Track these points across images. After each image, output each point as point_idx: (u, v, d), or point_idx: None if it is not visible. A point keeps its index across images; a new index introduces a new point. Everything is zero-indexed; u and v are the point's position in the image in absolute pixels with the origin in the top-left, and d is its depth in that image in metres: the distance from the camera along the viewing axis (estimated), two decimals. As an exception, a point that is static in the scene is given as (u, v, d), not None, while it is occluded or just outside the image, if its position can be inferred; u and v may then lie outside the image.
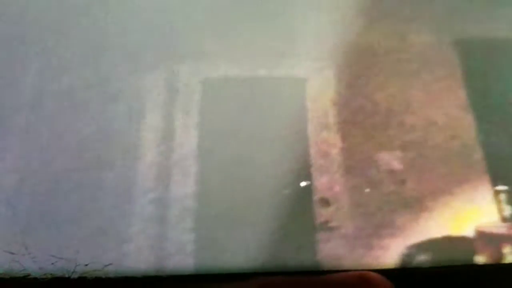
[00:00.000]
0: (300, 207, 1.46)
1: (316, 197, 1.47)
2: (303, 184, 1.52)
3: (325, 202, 1.50)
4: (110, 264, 1.20)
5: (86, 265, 1.19)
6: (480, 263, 1.40)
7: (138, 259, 1.33)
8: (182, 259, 1.37)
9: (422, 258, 1.42)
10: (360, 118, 1.60)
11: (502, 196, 1.50)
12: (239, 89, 1.64)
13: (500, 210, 1.49)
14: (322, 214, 1.46)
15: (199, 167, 1.51)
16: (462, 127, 1.60)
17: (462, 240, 1.45)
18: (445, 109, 1.62)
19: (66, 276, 1.19)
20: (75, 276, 1.18)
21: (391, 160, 1.56)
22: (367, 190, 1.49)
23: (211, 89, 1.66)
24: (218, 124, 1.59)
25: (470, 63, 1.70)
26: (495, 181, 1.51)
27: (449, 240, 1.45)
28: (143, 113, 1.57)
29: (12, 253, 1.24)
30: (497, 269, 1.39)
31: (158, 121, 1.59)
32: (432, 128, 1.59)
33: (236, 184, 1.46)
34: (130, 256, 1.33)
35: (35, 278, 1.19)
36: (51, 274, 1.19)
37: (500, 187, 1.51)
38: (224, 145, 1.53)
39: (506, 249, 1.45)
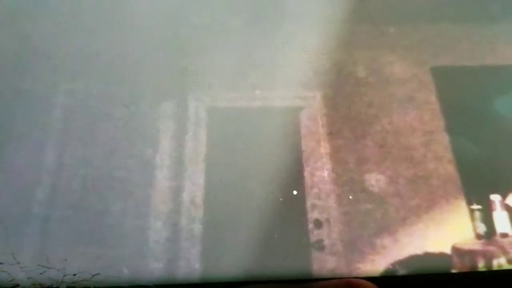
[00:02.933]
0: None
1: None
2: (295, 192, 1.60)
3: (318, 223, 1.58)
4: (98, 274, 1.22)
5: (75, 274, 1.21)
6: (457, 272, 1.47)
7: (126, 269, 1.36)
8: (173, 267, 1.41)
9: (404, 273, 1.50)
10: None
11: (477, 215, 1.59)
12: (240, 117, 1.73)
13: (475, 228, 1.58)
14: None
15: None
16: (440, 148, 1.68)
17: (441, 256, 1.52)
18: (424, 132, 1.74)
19: (55, 286, 1.20)
20: (64, 286, 1.20)
21: (376, 182, 1.66)
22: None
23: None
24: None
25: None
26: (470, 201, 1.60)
27: (428, 257, 1.53)
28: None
29: (1, 263, 1.25)
30: (473, 277, 1.47)
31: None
32: (413, 152, 1.68)
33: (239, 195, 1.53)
34: (118, 266, 1.37)
35: (24, 288, 1.20)
36: (40, 284, 1.20)
37: (475, 206, 1.59)
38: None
39: (481, 265, 1.54)
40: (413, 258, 1.50)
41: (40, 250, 1.35)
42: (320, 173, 1.63)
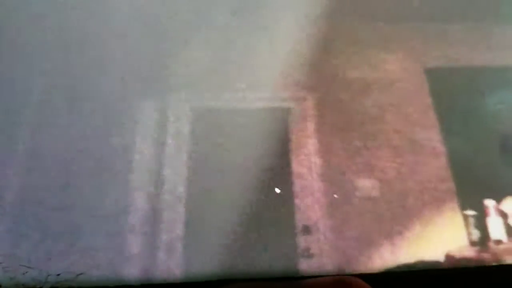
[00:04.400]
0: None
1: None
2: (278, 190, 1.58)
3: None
4: (82, 273, 1.20)
5: (58, 275, 1.19)
6: (451, 267, 1.47)
7: (109, 269, 1.35)
8: (158, 266, 1.40)
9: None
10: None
11: (471, 221, 1.56)
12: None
13: (469, 235, 1.55)
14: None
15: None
16: (432, 151, 1.67)
17: (434, 264, 1.49)
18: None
19: (38, 286, 1.17)
20: (47, 286, 1.17)
21: (366, 184, 1.62)
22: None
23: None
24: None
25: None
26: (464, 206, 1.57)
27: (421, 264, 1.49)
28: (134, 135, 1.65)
29: (-18, 265, 1.23)
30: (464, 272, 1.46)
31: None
32: (405, 154, 1.66)
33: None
34: (101, 266, 1.35)
35: (6, 289, 1.18)
36: (23, 284, 1.18)
37: (469, 212, 1.57)
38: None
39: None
40: (405, 266, 1.47)
41: (22, 250, 1.34)
42: (307, 174, 1.61)
